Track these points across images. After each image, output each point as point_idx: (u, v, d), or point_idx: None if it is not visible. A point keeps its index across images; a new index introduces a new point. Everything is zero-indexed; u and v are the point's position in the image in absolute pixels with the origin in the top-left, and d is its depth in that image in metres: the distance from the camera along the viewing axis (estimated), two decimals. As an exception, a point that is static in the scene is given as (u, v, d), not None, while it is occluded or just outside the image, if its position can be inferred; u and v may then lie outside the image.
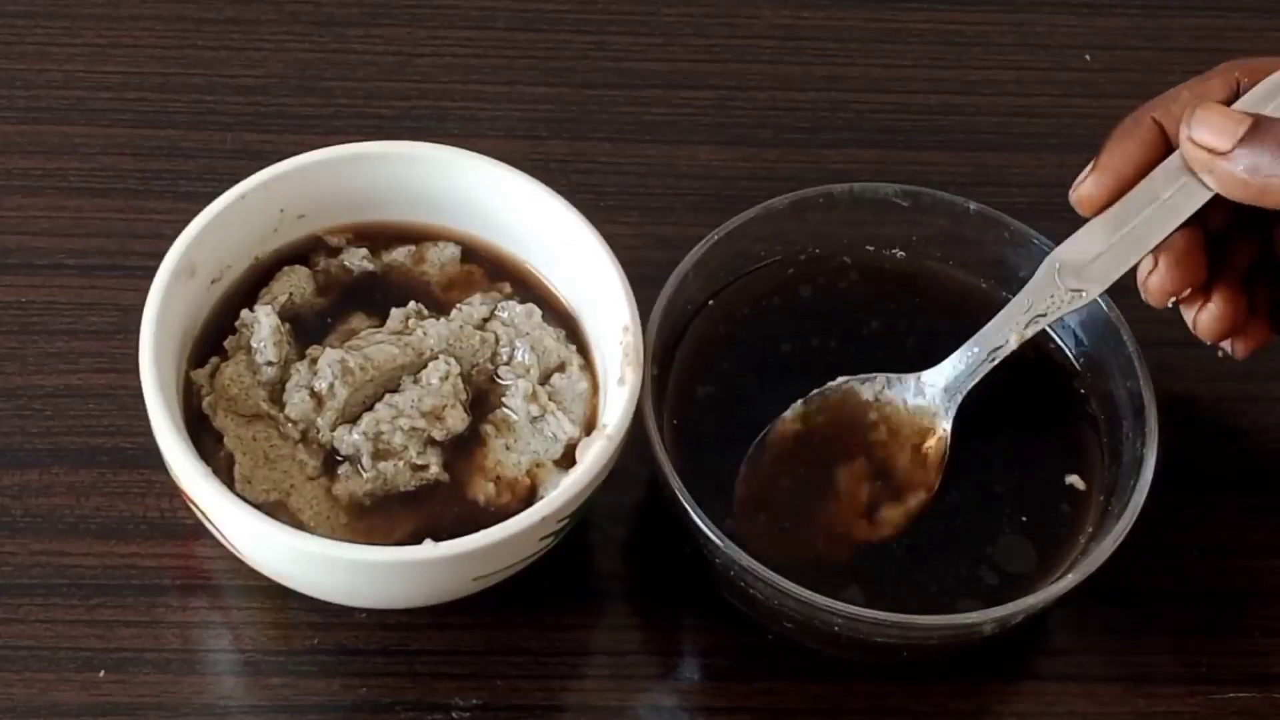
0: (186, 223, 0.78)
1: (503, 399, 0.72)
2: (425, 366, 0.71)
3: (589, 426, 0.71)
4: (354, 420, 0.70)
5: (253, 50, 0.86)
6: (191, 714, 0.70)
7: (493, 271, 0.75)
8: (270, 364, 0.71)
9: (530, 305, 0.73)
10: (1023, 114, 0.88)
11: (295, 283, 0.73)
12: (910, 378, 0.74)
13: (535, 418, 0.71)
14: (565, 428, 0.71)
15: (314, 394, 0.70)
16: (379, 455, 0.70)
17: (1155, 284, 0.71)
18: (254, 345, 0.71)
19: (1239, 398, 0.80)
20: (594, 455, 0.68)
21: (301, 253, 0.74)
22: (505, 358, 0.72)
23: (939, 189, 0.79)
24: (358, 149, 0.74)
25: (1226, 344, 0.75)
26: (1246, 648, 0.74)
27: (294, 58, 0.86)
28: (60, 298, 0.79)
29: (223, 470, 0.68)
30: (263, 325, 0.71)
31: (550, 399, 0.71)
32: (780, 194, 0.79)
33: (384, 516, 0.69)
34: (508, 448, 0.71)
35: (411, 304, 0.73)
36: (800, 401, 0.73)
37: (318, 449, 0.70)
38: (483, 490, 0.70)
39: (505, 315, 0.73)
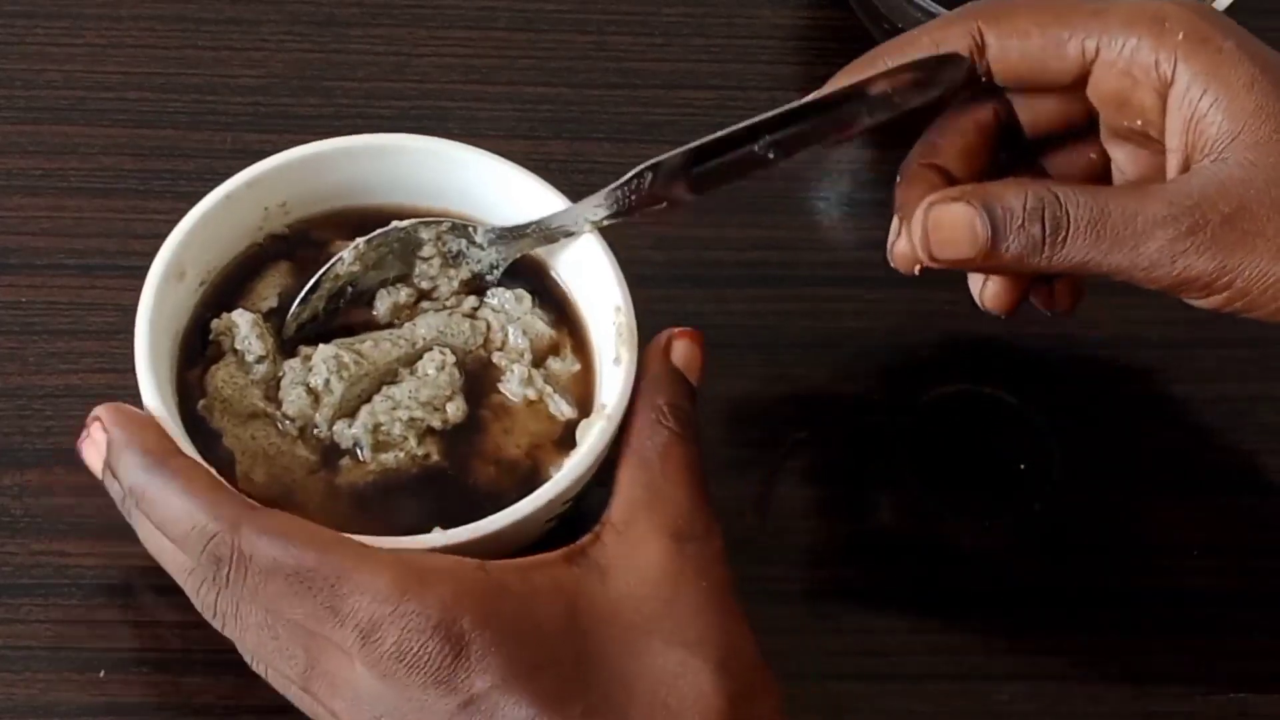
0: (186, 223, 0.78)
1: (498, 384, 0.72)
2: (420, 358, 0.71)
3: (584, 407, 0.71)
4: (352, 414, 0.70)
5: (253, 50, 0.86)
6: (191, 714, 0.70)
7: None
8: (260, 359, 0.71)
9: (520, 290, 0.73)
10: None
11: (281, 279, 0.73)
12: (477, 227, 0.73)
13: (532, 401, 0.71)
14: (563, 409, 0.71)
15: (310, 390, 0.70)
16: (379, 447, 0.70)
17: (901, 250, 0.70)
18: (238, 347, 0.71)
19: (1239, 398, 0.80)
20: (595, 435, 0.68)
21: (287, 249, 0.74)
22: (498, 343, 0.73)
23: (939, 189, 0.79)
24: (340, 143, 0.74)
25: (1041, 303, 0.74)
26: (1247, 648, 0.75)
27: (294, 58, 0.86)
28: (60, 298, 0.79)
29: (224, 470, 0.68)
30: (241, 325, 0.71)
31: (545, 382, 0.72)
32: (779, 194, 0.79)
33: (387, 507, 0.69)
34: (506, 432, 0.71)
35: (403, 291, 0.73)
36: (362, 241, 0.72)
37: (316, 444, 0.70)
38: (484, 475, 0.70)
39: (495, 302, 0.73)
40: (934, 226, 0.67)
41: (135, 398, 0.67)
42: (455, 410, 0.71)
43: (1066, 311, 0.73)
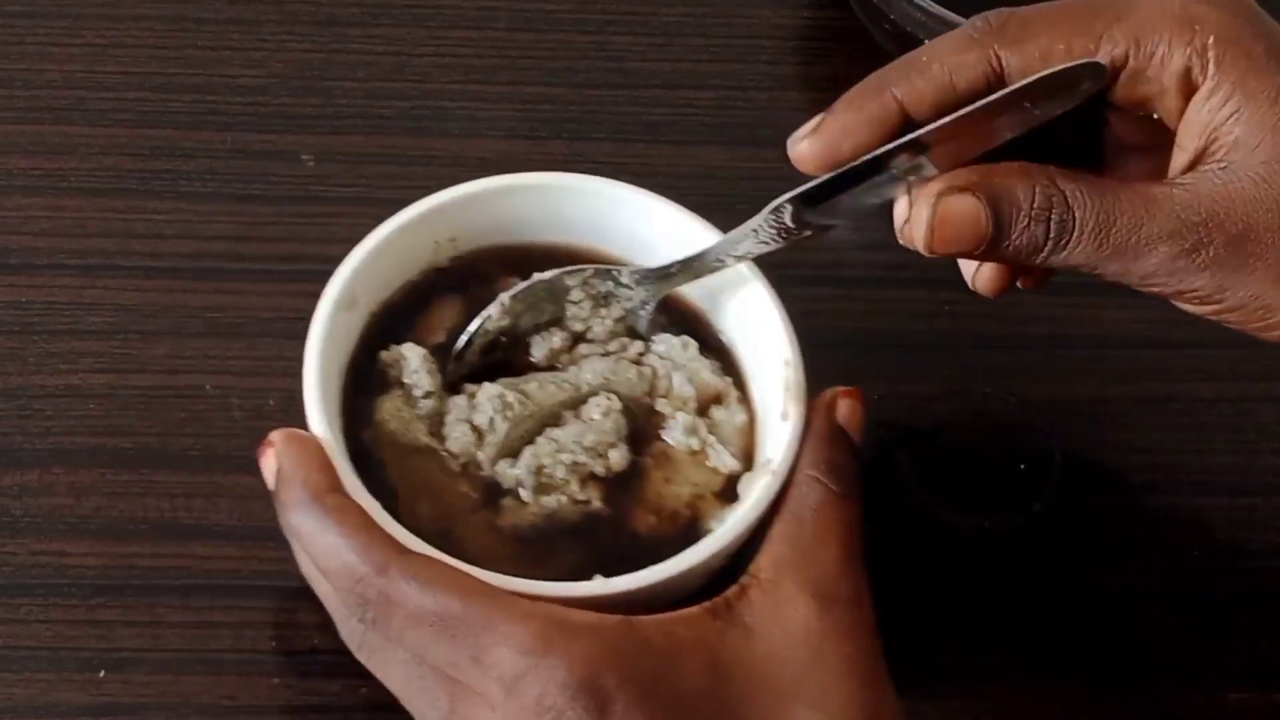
0: (186, 222, 0.79)
1: (661, 431, 0.71)
2: (585, 401, 0.70)
3: (746, 460, 0.70)
4: (514, 454, 0.69)
5: (253, 50, 0.86)
6: (191, 714, 0.70)
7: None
8: (428, 395, 0.70)
9: (686, 337, 0.72)
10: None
11: (450, 313, 0.72)
12: (622, 269, 0.72)
13: (695, 451, 0.70)
14: (726, 461, 0.70)
15: (474, 428, 0.69)
16: (541, 489, 0.69)
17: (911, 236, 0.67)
18: (406, 380, 0.70)
19: (1239, 398, 0.80)
20: (761, 491, 0.67)
21: (456, 283, 0.73)
22: (663, 390, 0.71)
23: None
24: (511, 180, 0.73)
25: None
26: (1246, 648, 0.75)
27: (294, 58, 0.86)
28: (60, 298, 0.79)
29: (387, 502, 0.67)
30: (411, 359, 0.70)
31: (709, 431, 0.71)
32: (779, 194, 0.79)
33: (546, 549, 0.68)
34: (668, 480, 0.70)
35: (557, 336, 0.72)
36: (507, 296, 0.72)
37: (479, 482, 0.69)
38: (644, 523, 0.69)
39: (661, 348, 0.72)
40: (940, 222, 0.65)
41: (136, 397, 0.67)
42: (618, 457, 0.70)
43: (1038, 288, 0.72)
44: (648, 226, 0.73)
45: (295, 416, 0.76)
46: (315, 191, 0.82)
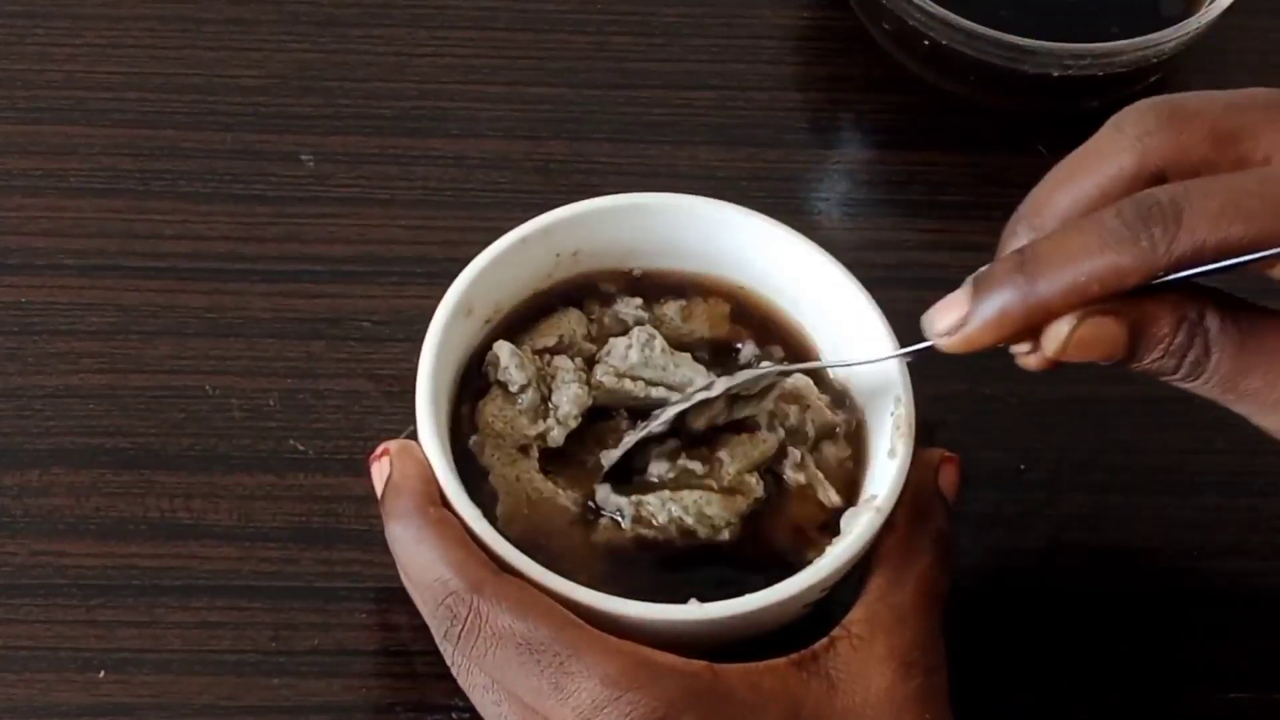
0: (186, 223, 0.79)
1: (771, 464, 0.71)
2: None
3: (849, 493, 0.70)
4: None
5: (253, 50, 0.86)
6: (191, 714, 0.70)
7: (762, 332, 0.73)
8: (523, 389, 0.70)
9: (808, 377, 0.72)
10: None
11: (566, 325, 0.72)
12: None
13: (801, 485, 0.70)
14: (830, 496, 0.70)
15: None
16: (639, 521, 0.69)
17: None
18: (501, 379, 0.70)
19: (1239, 398, 0.80)
20: (863, 527, 0.67)
21: (575, 297, 0.73)
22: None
23: (938, 189, 0.79)
24: (636, 199, 0.73)
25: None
26: (1246, 648, 0.74)
27: (294, 58, 0.86)
28: (60, 298, 0.79)
29: (486, 510, 0.67)
30: (501, 356, 0.70)
31: (817, 466, 0.70)
32: (779, 194, 0.79)
33: (641, 569, 0.68)
34: (772, 511, 0.70)
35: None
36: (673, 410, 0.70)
37: (579, 496, 0.69)
38: (741, 551, 0.69)
39: (789, 383, 0.72)
40: (1077, 341, 0.62)
41: (136, 397, 0.67)
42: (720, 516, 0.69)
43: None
44: (769, 255, 0.73)
45: (296, 416, 0.77)
46: (315, 191, 0.82)
